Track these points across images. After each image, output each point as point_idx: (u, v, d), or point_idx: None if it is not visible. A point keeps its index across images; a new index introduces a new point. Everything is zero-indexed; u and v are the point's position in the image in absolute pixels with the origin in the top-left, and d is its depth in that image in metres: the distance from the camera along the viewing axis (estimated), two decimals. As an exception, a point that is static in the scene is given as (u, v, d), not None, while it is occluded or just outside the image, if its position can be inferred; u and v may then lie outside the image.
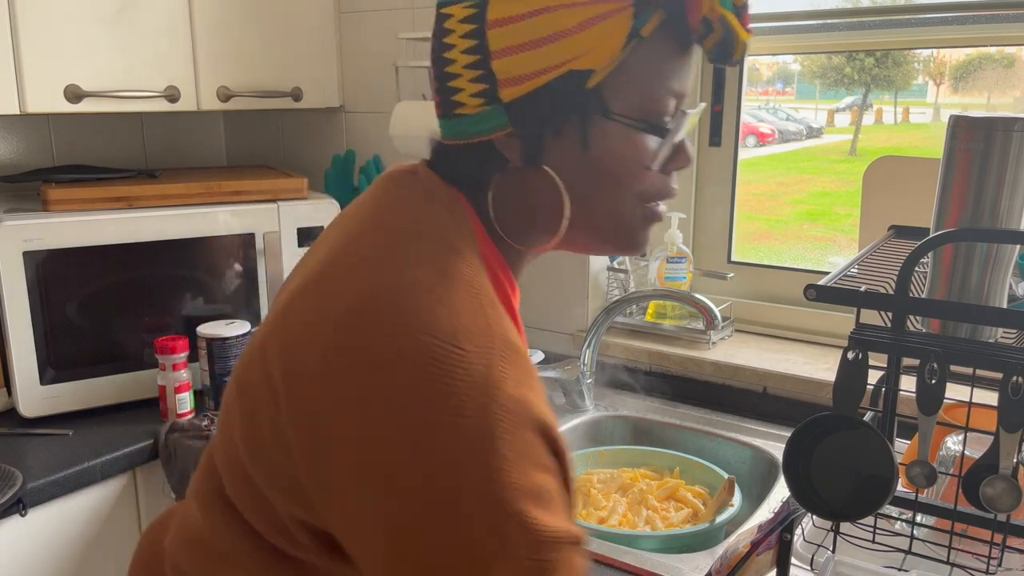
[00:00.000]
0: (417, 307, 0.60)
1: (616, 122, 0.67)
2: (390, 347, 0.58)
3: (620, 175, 0.69)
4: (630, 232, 0.73)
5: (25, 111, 1.41)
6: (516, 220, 0.72)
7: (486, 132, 0.68)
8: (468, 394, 0.57)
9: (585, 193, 0.70)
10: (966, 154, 0.85)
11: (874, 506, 0.83)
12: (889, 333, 0.86)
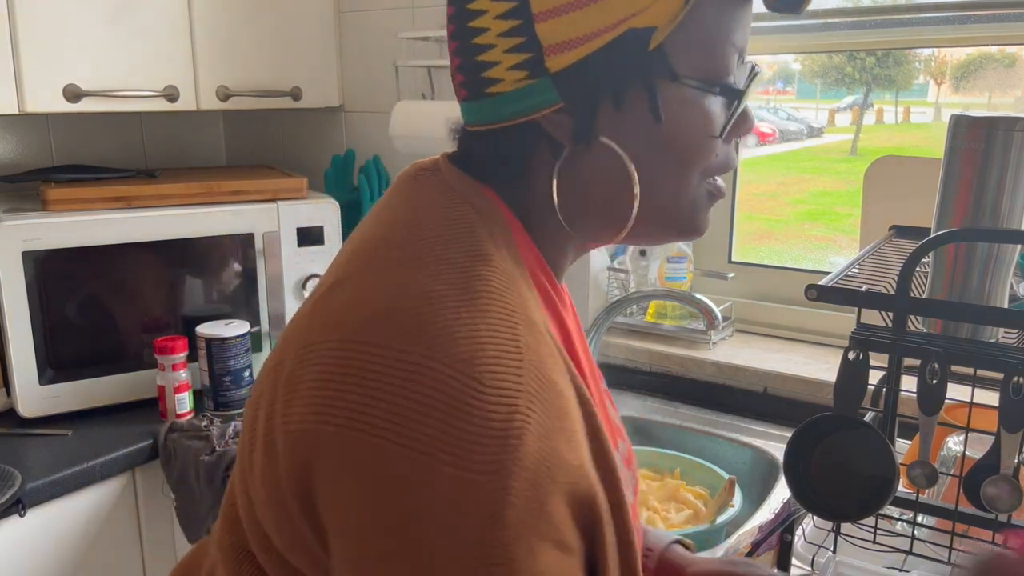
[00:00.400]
0: (434, 329, 0.49)
1: (686, 86, 0.58)
2: (395, 374, 0.48)
3: (691, 148, 0.59)
4: (696, 212, 0.63)
5: (24, 111, 1.40)
6: (569, 213, 0.61)
7: (530, 110, 0.58)
8: (481, 444, 0.47)
9: (652, 171, 0.60)
10: (967, 154, 0.85)
11: (875, 506, 0.82)
12: (890, 333, 0.85)
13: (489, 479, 0.46)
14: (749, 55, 0.67)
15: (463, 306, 0.51)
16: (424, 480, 0.47)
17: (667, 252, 1.73)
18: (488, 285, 0.53)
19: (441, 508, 0.46)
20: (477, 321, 0.50)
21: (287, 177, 1.69)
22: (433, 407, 0.47)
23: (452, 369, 0.48)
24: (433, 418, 0.47)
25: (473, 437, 0.47)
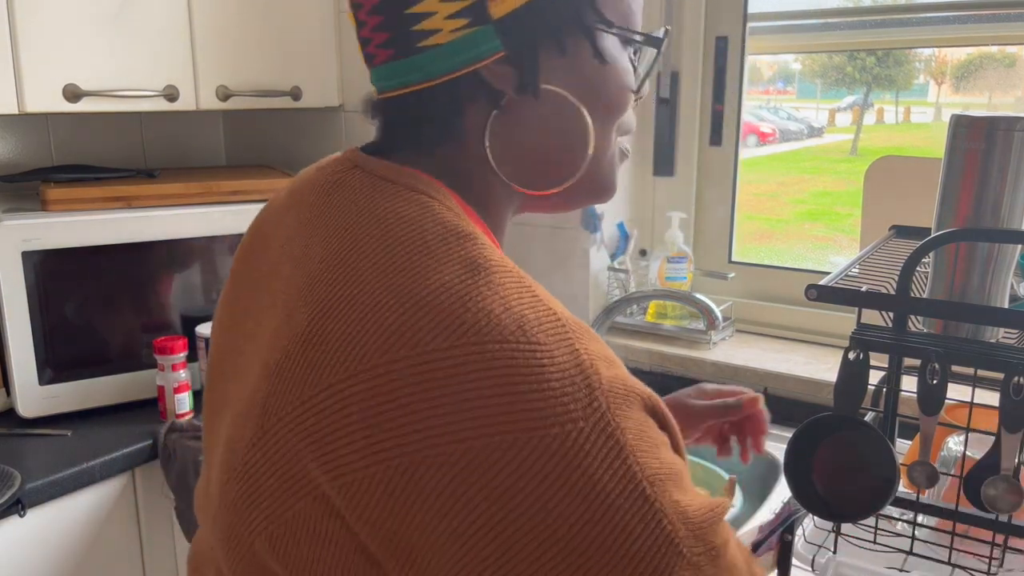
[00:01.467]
0: (469, 315, 0.47)
1: (613, 35, 0.57)
2: (456, 374, 0.45)
3: (616, 97, 0.59)
4: (611, 172, 0.62)
5: (24, 111, 1.40)
6: (511, 167, 0.59)
7: (471, 61, 0.55)
8: (569, 394, 0.46)
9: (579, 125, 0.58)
10: (967, 154, 0.85)
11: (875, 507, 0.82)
12: (890, 333, 0.85)
13: (594, 420, 0.46)
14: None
15: (480, 284, 0.49)
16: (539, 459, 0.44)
17: (667, 252, 1.73)
18: (486, 259, 0.51)
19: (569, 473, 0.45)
20: (501, 292, 0.49)
21: (287, 177, 1.69)
22: (512, 385, 0.45)
23: (509, 344, 0.46)
24: (518, 395, 0.45)
25: (561, 392, 0.45)
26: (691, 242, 1.83)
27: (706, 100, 1.78)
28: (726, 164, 1.78)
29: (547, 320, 0.48)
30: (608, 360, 0.49)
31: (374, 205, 0.54)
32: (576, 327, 0.49)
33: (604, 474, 0.45)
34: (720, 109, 1.76)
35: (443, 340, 0.46)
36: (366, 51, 0.61)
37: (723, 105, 1.76)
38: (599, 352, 0.49)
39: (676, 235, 1.73)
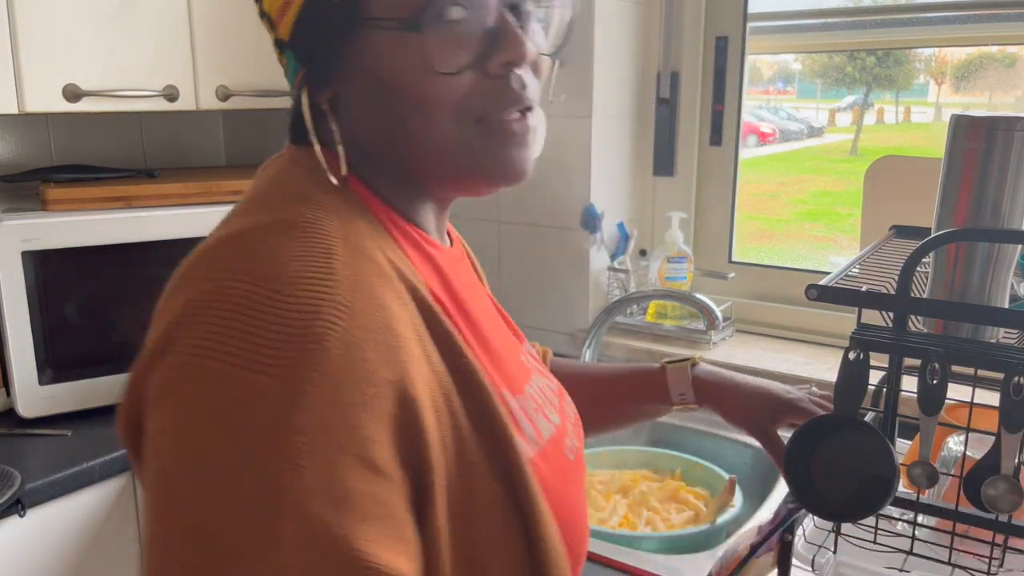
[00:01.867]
0: (243, 252, 0.51)
1: (377, 28, 0.56)
2: (203, 292, 0.50)
3: (410, 89, 0.57)
4: (477, 155, 0.59)
5: (24, 111, 1.40)
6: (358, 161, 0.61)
7: (292, 84, 0.59)
8: (276, 347, 0.46)
9: (385, 119, 0.59)
10: (968, 154, 0.85)
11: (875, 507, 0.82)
12: (890, 333, 0.85)
13: (281, 382, 0.46)
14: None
15: (273, 235, 0.52)
16: (219, 384, 0.46)
17: (667, 252, 1.73)
18: (303, 217, 0.53)
19: (230, 409, 0.46)
20: (286, 244, 0.51)
21: (287, 177, 1.68)
22: (235, 319, 0.47)
23: (253, 285, 0.48)
24: (235, 328, 0.47)
25: (267, 341, 0.46)
26: (691, 242, 1.83)
27: (706, 100, 1.78)
28: (726, 164, 1.78)
29: (310, 280, 0.49)
30: (359, 345, 0.48)
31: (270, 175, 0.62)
32: (347, 301, 0.49)
33: (252, 433, 0.45)
34: (720, 109, 1.76)
35: (212, 272, 0.51)
36: None
37: (723, 105, 1.76)
38: (351, 333, 0.48)
39: (676, 235, 1.73)
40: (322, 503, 0.45)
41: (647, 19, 1.78)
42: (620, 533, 1.20)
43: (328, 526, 0.45)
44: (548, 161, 1.73)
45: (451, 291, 0.62)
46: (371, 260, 0.54)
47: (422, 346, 0.54)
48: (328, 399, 0.46)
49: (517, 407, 0.62)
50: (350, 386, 0.47)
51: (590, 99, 1.67)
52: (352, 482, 0.46)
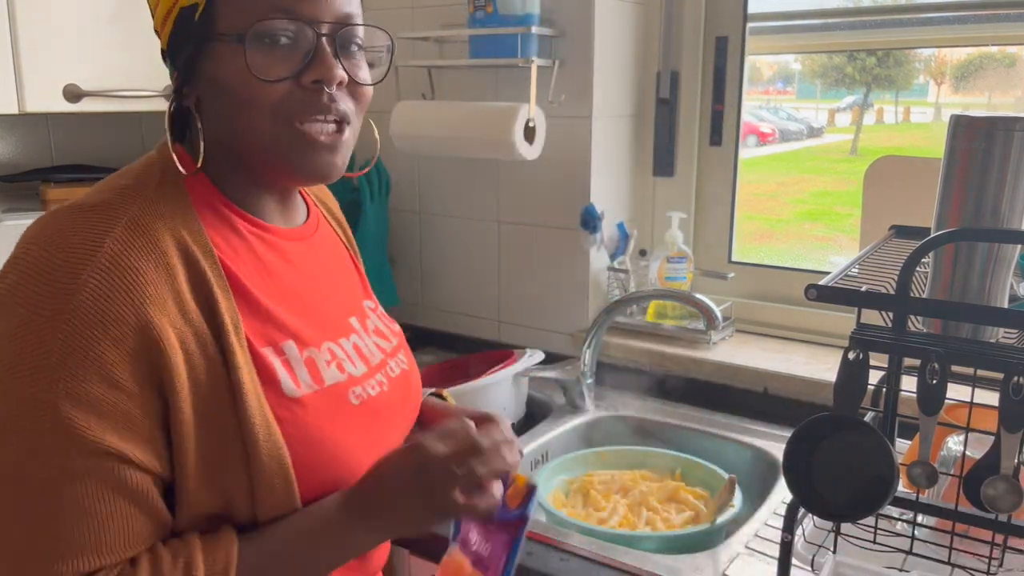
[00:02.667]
0: (46, 227, 0.70)
1: (225, 42, 0.72)
2: (16, 252, 0.70)
3: (238, 92, 0.73)
4: (286, 152, 0.76)
5: (24, 111, 1.40)
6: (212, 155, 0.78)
7: (171, 84, 0.77)
8: (44, 293, 0.65)
9: (227, 118, 0.75)
10: (967, 154, 0.85)
11: (875, 506, 0.82)
12: (890, 333, 0.85)
13: (45, 319, 0.65)
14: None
15: (74, 213, 0.70)
16: (5, 318, 0.66)
17: (667, 252, 1.73)
18: (105, 201, 0.72)
19: (12, 338, 0.65)
20: (78, 222, 0.69)
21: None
22: (22, 273, 0.67)
23: (39, 248, 0.68)
24: (22, 280, 0.67)
25: (40, 288, 0.66)
26: (691, 242, 1.83)
27: (706, 100, 1.78)
28: (726, 164, 1.78)
29: (81, 248, 0.67)
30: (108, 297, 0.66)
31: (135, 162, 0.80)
32: (106, 266, 0.67)
33: (24, 360, 0.65)
34: (720, 109, 1.76)
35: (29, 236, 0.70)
36: None
37: (723, 105, 1.76)
38: (102, 289, 0.66)
39: (676, 235, 1.73)
40: (69, 404, 0.64)
41: (647, 19, 1.78)
42: (620, 533, 1.20)
43: (72, 420, 0.64)
44: (548, 161, 1.73)
45: (258, 262, 0.79)
46: (147, 238, 0.70)
47: (179, 302, 0.70)
48: (77, 332, 0.65)
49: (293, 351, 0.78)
50: (96, 325, 0.65)
51: (590, 99, 1.67)
52: (93, 391, 0.65)
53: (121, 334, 0.66)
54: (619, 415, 1.60)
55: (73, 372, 0.64)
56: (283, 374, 0.76)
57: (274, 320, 0.78)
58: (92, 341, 0.65)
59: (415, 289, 2.03)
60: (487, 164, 1.84)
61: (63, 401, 0.64)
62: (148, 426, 0.68)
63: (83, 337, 0.65)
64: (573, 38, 1.66)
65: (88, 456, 0.65)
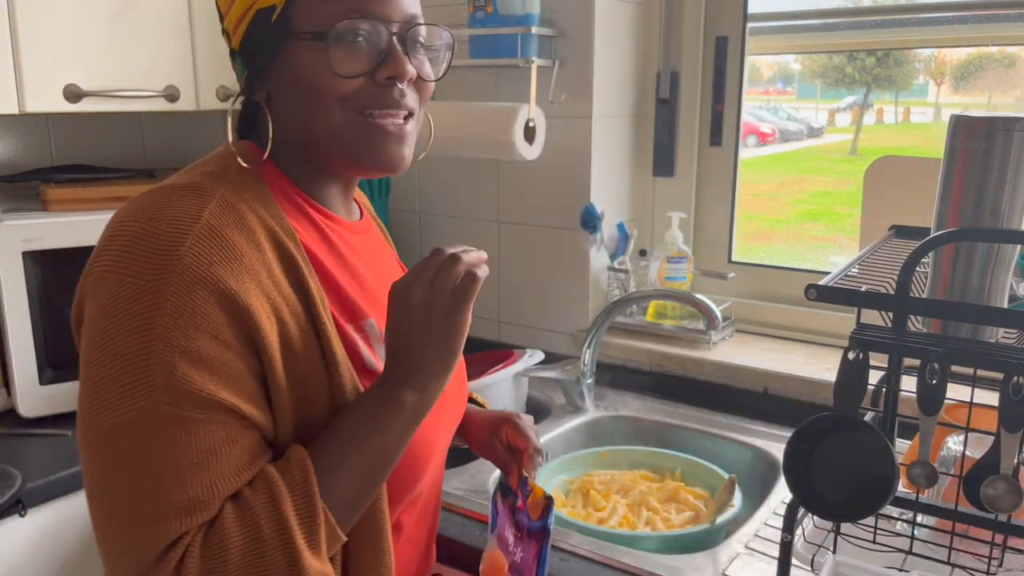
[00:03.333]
0: (145, 202, 0.74)
1: (299, 40, 0.77)
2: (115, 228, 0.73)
3: (317, 87, 0.78)
4: (356, 142, 0.80)
5: (24, 111, 1.40)
6: (282, 149, 0.83)
7: (239, 81, 0.82)
8: (149, 261, 0.69)
9: (300, 111, 0.80)
10: (967, 154, 0.85)
11: (875, 506, 0.82)
12: (890, 333, 0.85)
13: (152, 283, 0.68)
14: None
15: (169, 192, 0.74)
16: (111, 287, 0.70)
17: (667, 252, 1.73)
18: (195, 181, 0.76)
19: (124, 307, 0.69)
20: (174, 199, 0.73)
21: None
22: (128, 249, 0.70)
23: (139, 222, 0.72)
24: (127, 255, 0.70)
25: (144, 257, 0.69)
26: (691, 242, 1.83)
27: (706, 100, 1.78)
28: (726, 164, 1.78)
29: (182, 219, 0.71)
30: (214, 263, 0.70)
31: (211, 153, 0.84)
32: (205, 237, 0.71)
33: (133, 316, 0.68)
34: (720, 109, 1.76)
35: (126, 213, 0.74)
36: None
37: (723, 105, 1.76)
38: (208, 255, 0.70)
39: (676, 235, 1.73)
40: (184, 362, 0.68)
41: (647, 19, 1.78)
42: (620, 533, 1.20)
43: (187, 377, 0.68)
44: (548, 161, 1.73)
45: (331, 248, 0.84)
46: (237, 215, 0.74)
47: (271, 276, 0.74)
48: (186, 294, 0.68)
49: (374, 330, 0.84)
50: (201, 288, 0.69)
51: (590, 99, 1.67)
52: (204, 349, 0.69)
53: (224, 297, 0.69)
54: (619, 415, 1.60)
55: (185, 331, 0.68)
56: (364, 349, 0.82)
57: (351, 300, 0.83)
58: (200, 302, 0.68)
59: (415, 289, 2.03)
60: (487, 164, 1.84)
61: (178, 359, 0.67)
62: (253, 385, 0.72)
63: (192, 298, 0.68)
64: (573, 38, 1.66)
65: (203, 410, 0.68)
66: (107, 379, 0.69)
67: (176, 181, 0.77)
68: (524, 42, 1.62)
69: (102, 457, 0.69)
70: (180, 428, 0.67)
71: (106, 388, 0.68)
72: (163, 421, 0.67)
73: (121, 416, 0.68)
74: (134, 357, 0.67)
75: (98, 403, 0.69)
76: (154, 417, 0.67)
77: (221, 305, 0.69)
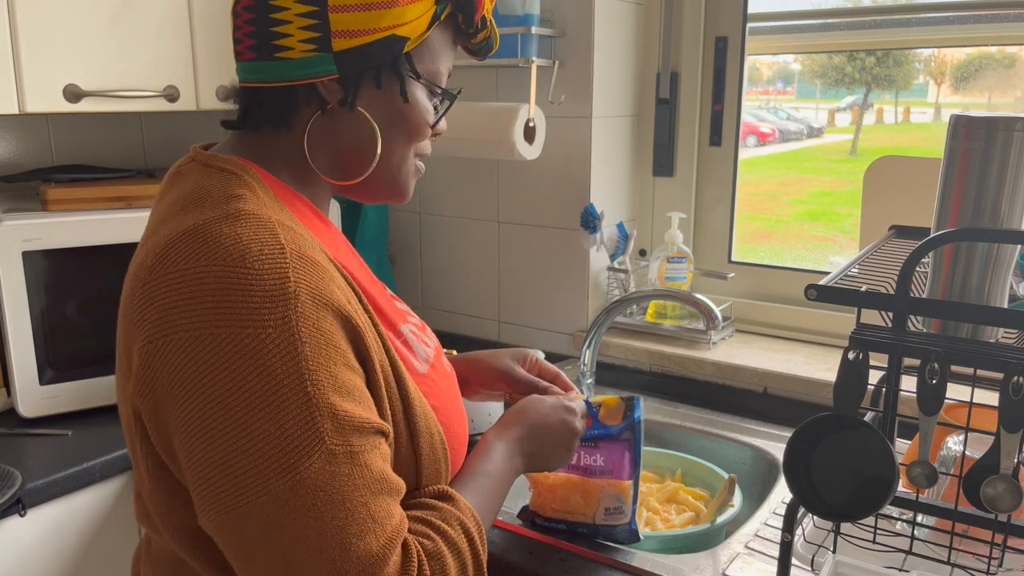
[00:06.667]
0: (209, 240, 0.68)
1: (420, 84, 0.82)
2: (189, 280, 0.66)
3: (415, 127, 0.83)
4: (406, 180, 0.86)
5: (24, 111, 1.40)
6: (326, 157, 0.82)
7: (313, 75, 0.77)
8: (267, 307, 0.65)
9: (368, 136, 0.81)
10: (967, 154, 0.85)
11: (875, 506, 0.82)
12: (890, 333, 0.85)
13: (281, 330, 0.65)
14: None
15: (225, 224, 0.69)
16: (233, 349, 0.64)
17: (667, 252, 1.73)
18: (243, 209, 0.71)
19: (252, 358, 0.64)
20: (238, 229, 0.68)
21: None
22: (223, 297, 0.65)
23: (227, 268, 0.66)
24: (226, 304, 0.65)
25: (259, 303, 0.65)
26: (691, 242, 1.83)
27: (706, 100, 1.78)
28: (726, 164, 1.78)
29: (270, 253, 0.67)
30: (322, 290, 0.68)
31: (193, 182, 0.77)
32: (300, 262, 0.68)
33: (277, 368, 0.64)
34: (720, 109, 1.76)
35: (185, 260, 0.67)
36: (236, 46, 0.80)
37: (723, 105, 1.76)
38: (313, 282, 0.68)
39: (676, 235, 1.73)
40: (335, 395, 0.67)
41: (647, 19, 1.78)
42: (620, 533, 1.20)
43: (345, 411, 0.67)
44: (548, 161, 1.73)
45: (347, 260, 0.81)
46: (302, 235, 0.72)
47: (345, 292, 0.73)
48: (314, 329, 0.66)
49: (408, 334, 0.85)
50: (324, 319, 0.67)
51: (590, 99, 1.67)
52: (344, 378, 0.68)
53: (342, 318, 0.69)
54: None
55: (327, 367, 0.67)
56: (408, 355, 0.83)
57: (382, 307, 0.83)
58: (327, 331, 0.67)
59: (415, 289, 2.03)
60: (487, 164, 1.84)
61: (332, 397, 0.66)
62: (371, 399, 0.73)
63: (320, 330, 0.67)
64: (573, 38, 1.66)
65: (367, 437, 0.69)
66: (265, 444, 0.64)
67: (214, 214, 0.70)
68: (524, 42, 1.62)
69: (284, 520, 0.64)
70: (354, 464, 0.67)
71: (267, 454, 0.64)
72: (340, 463, 0.66)
73: (300, 475, 0.64)
74: (294, 409, 0.65)
75: (261, 471, 0.64)
76: (332, 464, 0.65)
77: (344, 328, 0.69)
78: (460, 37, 0.85)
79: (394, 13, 0.76)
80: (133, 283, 0.72)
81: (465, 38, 0.85)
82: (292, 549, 0.64)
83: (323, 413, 0.65)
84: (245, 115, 0.83)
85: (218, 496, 0.65)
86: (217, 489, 0.65)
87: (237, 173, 0.77)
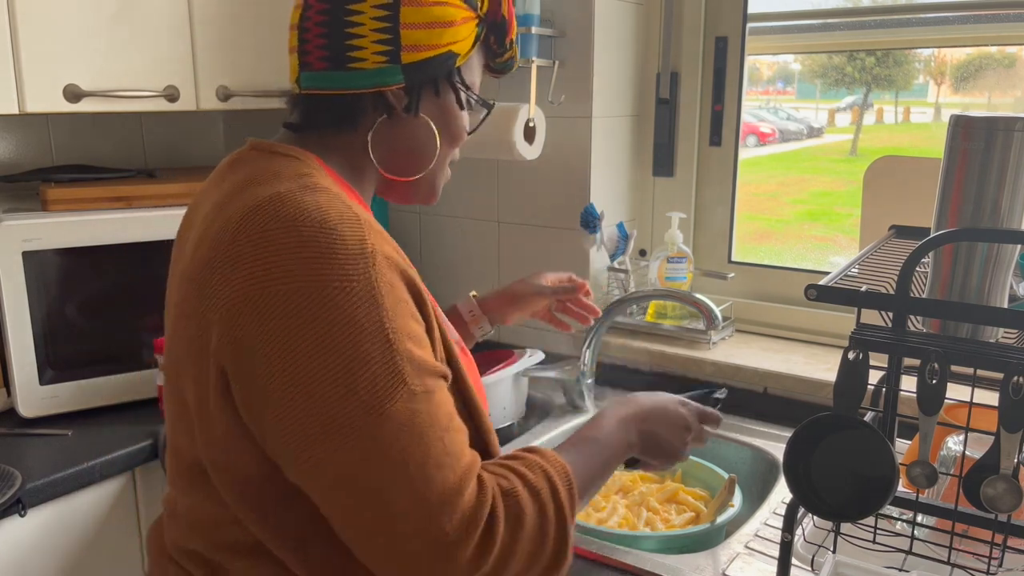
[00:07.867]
0: (291, 209, 0.74)
1: (467, 95, 0.91)
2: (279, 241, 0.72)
3: (459, 133, 0.92)
4: (439, 183, 0.96)
5: (24, 111, 1.40)
6: (389, 157, 0.90)
7: (383, 84, 0.85)
8: (350, 265, 0.72)
9: (426, 139, 0.90)
10: (967, 154, 0.85)
11: (875, 506, 0.82)
12: (890, 333, 0.85)
13: (364, 284, 0.72)
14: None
15: (305, 194, 0.76)
16: (323, 303, 0.70)
17: (667, 252, 1.73)
18: (316, 183, 0.78)
19: (341, 309, 0.70)
20: (318, 198, 0.75)
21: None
22: (312, 256, 0.71)
23: (312, 228, 0.73)
24: (316, 262, 0.71)
25: (343, 261, 0.72)
26: (691, 242, 1.83)
27: (706, 100, 1.78)
28: (726, 164, 1.78)
29: (348, 218, 0.74)
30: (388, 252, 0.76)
31: (262, 164, 0.83)
32: (369, 227, 0.75)
33: (362, 318, 0.71)
34: (719, 109, 1.76)
35: (272, 221, 0.73)
36: (304, 58, 0.86)
37: (723, 105, 1.76)
38: (383, 244, 0.76)
39: (676, 235, 1.73)
40: (409, 342, 0.73)
41: (647, 20, 1.78)
42: (620, 533, 1.20)
43: (420, 356, 0.74)
44: (548, 161, 1.73)
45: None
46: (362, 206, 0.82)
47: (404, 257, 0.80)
48: (388, 285, 0.74)
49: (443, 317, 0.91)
50: (394, 276, 0.75)
51: (590, 99, 1.67)
52: (413, 328, 0.75)
53: (407, 278, 0.78)
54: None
55: (403, 318, 0.74)
56: (452, 330, 0.91)
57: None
58: (398, 288, 0.75)
59: (415, 289, 2.03)
60: (487, 164, 1.84)
61: (408, 344, 0.73)
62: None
63: (392, 286, 0.74)
64: (573, 38, 1.66)
65: (437, 378, 0.75)
66: (356, 387, 0.70)
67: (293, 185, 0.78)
68: (524, 42, 1.62)
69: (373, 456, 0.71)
70: (430, 403, 0.73)
71: (358, 395, 0.70)
72: (419, 401, 0.72)
73: (386, 413, 0.71)
74: (378, 355, 0.71)
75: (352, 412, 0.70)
76: (412, 402, 0.72)
77: (408, 286, 0.77)
78: (488, 56, 0.95)
79: (451, 32, 0.86)
80: (214, 247, 0.76)
81: (493, 57, 0.95)
82: (381, 483, 0.70)
83: (403, 357, 0.72)
84: (308, 119, 0.89)
85: (310, 440, 0.70)
86: (309, 433, 0.70)
87: (302, 159, 0.84)
